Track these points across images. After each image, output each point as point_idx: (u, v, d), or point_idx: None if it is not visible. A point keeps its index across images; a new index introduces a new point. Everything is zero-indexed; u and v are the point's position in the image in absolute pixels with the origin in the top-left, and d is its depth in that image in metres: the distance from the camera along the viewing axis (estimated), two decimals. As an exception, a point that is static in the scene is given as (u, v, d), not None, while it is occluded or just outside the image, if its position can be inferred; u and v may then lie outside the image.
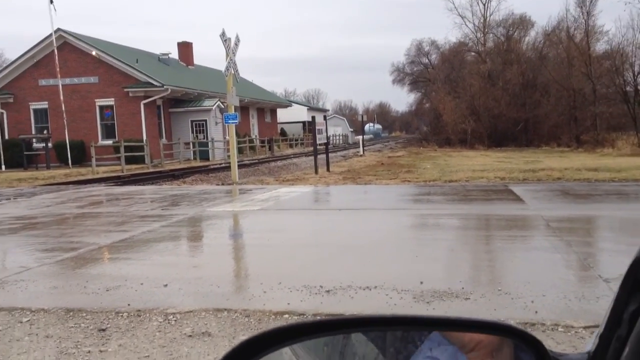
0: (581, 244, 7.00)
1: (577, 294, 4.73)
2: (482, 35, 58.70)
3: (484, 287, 5.06)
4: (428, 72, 73.02)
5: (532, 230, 8.26)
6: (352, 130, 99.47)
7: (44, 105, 37.30)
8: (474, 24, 58.86)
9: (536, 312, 4.29)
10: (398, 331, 0.97)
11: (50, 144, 34.67)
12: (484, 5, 57.41)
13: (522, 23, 57.94)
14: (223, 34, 18.40)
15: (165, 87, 35.86)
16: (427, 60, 77.53)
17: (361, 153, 38.88)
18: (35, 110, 37.72)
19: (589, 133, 42.47)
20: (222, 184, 19.08)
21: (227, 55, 18.54)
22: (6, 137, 36.05)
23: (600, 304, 4.45)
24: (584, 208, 10.23)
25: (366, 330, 0.97)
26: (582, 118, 44.55)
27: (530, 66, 50.54)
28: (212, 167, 30.25)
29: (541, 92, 48.32)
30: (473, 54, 60.53)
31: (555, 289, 4.87)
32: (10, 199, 15.33)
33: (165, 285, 5.40)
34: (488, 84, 49.87)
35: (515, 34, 57.57)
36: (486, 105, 48.10)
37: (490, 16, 57.97)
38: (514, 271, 5.72)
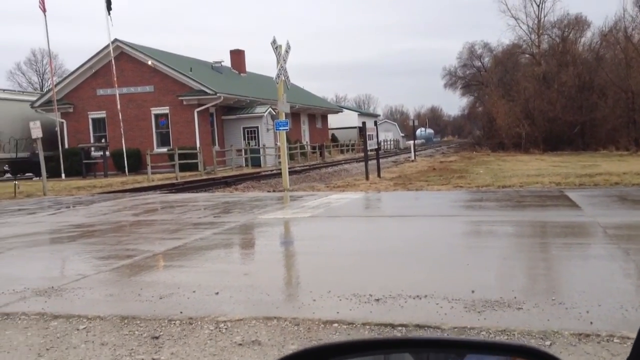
0: (640, 252, 6.79)
1: (634, 304, 4.60)
2: (536, 36, 57.64)
3: (537, 296, 4.96)
4: (481, 75, 72.15)
5: (588, 238, 8.06)
6: (403, 135, 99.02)
7: (102, 114, 38.34)
8: (527, 26, 57.90)
9: (591, 322, 4.18)
10: (427, 352, 0.98)
11: (107, 153, 35.61)
12: (538, 6, 56.43)
13: (578, 24, 56.67)
14: (274, 42, 18.58)
15: (218, 94, 36.41)
16: (479, 64, 76.65)
17: (412, 158, 38.64)
18: (93, 120, 38.81)
19: (650, 136, 41.18)
20: (274, 191, 19.24)
21: (278, 62, 18.70)
22: (66, 146, 37.17)
23: (659, 315, 4.31)
24: (644, 214, 9.92)
25: (391, 352, 0.99)
26: (642, 120, 43.25)
27: (586, 68, 49.33)
28: (263, 173, 30.53)
29: (598, 95, 47.09)
30: (527, 56, 59.50)
31: (611, 299, 4.73)
32: (69, 207, 15.81)
33: (217, 293, 5.47)
34: (543, 86, 48.91)
35: (571, 35, 56.32)
36: (541, 108, 47.18)
37: (544, 17, 56.95)
38: (569, 280, 5.59)
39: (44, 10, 32.79)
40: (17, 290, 5.89)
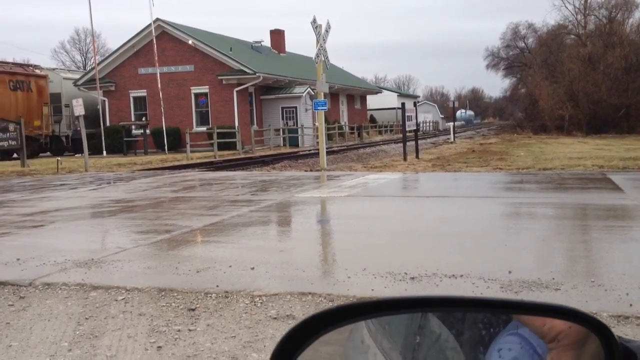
0: (685, 236, 6.62)
1: (677, 289, 4.48)
2: (582, 17, 56.20)
3: (576, 278, 4.88)
4: (524, 56, 70.81)
5: (630, 221, 7.88)
6: (442, 117, 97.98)
7: (142, 93, 38.80)
8: (574, 6, 56.40)
9: (631, 304, 4.09)
10: (467, 313, 0.95)
11: (148, 131, 36.03)
12: (585, -14, 54.89)
13: (626, 4, 54.96)
14: (314, 21, 18.48)
15: (257, 74, 36.49)
16: (523, 44, 75.15)
17: (452, 140, 38.24)
18: (134, 98, 39.31)
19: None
20: (311, 170, 19.26)
21: (318, 42, 18.61)
22: (107, 123, 37.75)
23: (703, 299, 4.19)
24: (690, 198, 9.65)
25: (428, 311, 0.97)
26: (690, 104, 42.00)
27: (633, 49, 47.98)
28: (301, 153, 30.58)
29: (645, 77, 45.83)
30: (572, 37, 58.12)
31: (653, 283, 4.62)
32: (110, 183, 16.09)
33: (253, 268, 5.51)
34: (588, 68, 47.78)
35: (619, 15, 54.72)
36: (585, 90, 46.13)
37: (591, -3, 55.32)
38: (609, 263, 5.48)
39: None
40: (58, 262, 6.03)
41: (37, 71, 36.58)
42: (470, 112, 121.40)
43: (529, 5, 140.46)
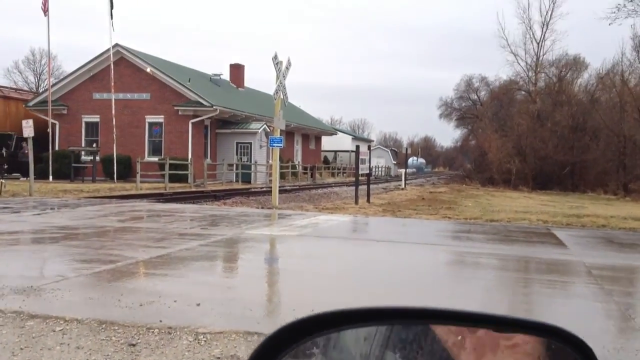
0: (623, 294, 6.80)
1: (615, 345, 4.59)
2: (533, 74, 58.06)
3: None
4: (476, 108, 72.76)
5: (572, 277, 8.07)
6: (395, 162, 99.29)
7: (95, 118, 38.19)
8: (526, 62, 58.20)
9: None
10: (435, 324, 0.91)
11: (98, 158, 35.35)
12: (538, 44, 56.69)
13: (576, 64, 57.17)
14: (275, 57, 18.63)
15: (214, 107, 36.37)
16: (476, 97, 77.37)
17: (403, 186, 38.69)
18: (87, 123, 38.63)
19: (638, 182, 41.44)
20: (262, 208, 19.18)
21: (278, 78, 18.75)
22: (56, 147, 36.90)
23: (639, 357, 4.30)
24: (629, 257, 9.95)
25: (406, 322, 0.95)
26: (632, 166, 43.52)
27: (581, 109, 49.73)
28: (253, 190, 30.47)
29: (590, 136, 47.46)
30: (523, 92, 59.92)
31: (592, 339, 4.69)
32: (54, 208, 15.68)
33: (198, 305, 5.42)
34: (536, 124, 49.23)
35: (568, 75, 56.83)
36: (533, 146, 47.46)
37: (543, 55, 57.18)
38: (550, 317, 5.57)
39: (46, 11, 32.77)
40: (-5, 287, 5.81)
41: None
42: (421, 160, 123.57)
43: (483, 58, 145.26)
